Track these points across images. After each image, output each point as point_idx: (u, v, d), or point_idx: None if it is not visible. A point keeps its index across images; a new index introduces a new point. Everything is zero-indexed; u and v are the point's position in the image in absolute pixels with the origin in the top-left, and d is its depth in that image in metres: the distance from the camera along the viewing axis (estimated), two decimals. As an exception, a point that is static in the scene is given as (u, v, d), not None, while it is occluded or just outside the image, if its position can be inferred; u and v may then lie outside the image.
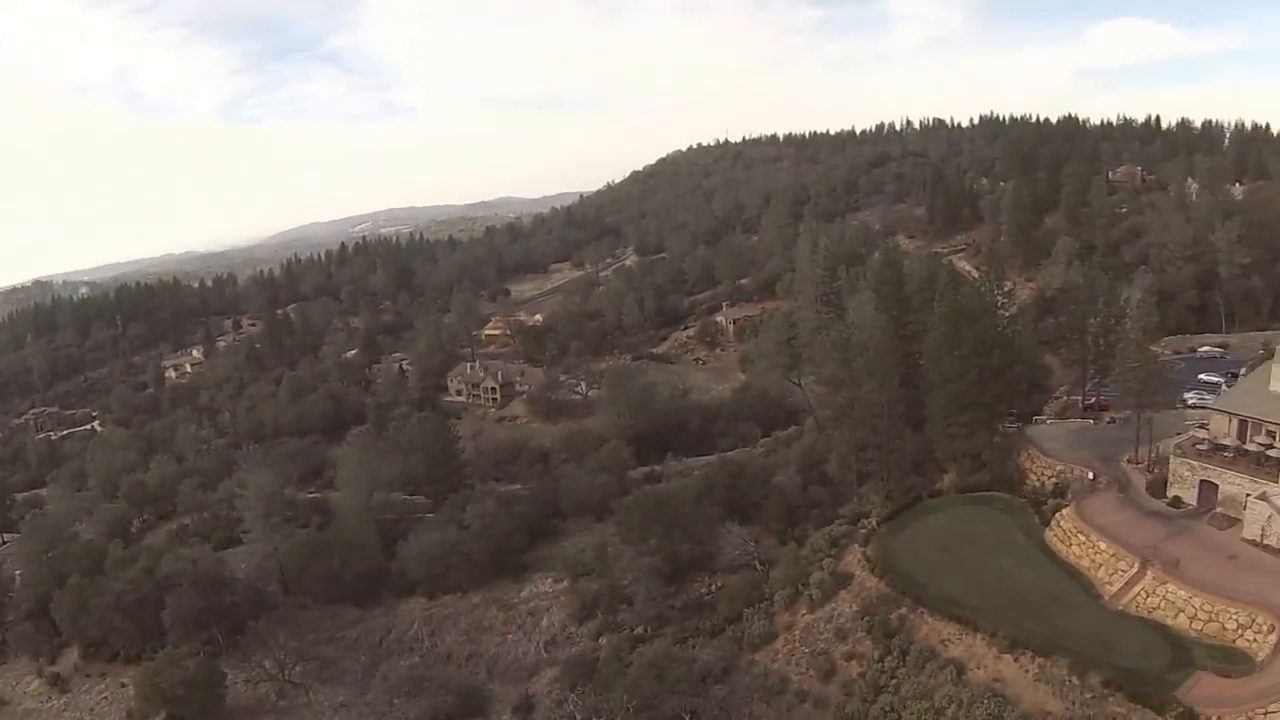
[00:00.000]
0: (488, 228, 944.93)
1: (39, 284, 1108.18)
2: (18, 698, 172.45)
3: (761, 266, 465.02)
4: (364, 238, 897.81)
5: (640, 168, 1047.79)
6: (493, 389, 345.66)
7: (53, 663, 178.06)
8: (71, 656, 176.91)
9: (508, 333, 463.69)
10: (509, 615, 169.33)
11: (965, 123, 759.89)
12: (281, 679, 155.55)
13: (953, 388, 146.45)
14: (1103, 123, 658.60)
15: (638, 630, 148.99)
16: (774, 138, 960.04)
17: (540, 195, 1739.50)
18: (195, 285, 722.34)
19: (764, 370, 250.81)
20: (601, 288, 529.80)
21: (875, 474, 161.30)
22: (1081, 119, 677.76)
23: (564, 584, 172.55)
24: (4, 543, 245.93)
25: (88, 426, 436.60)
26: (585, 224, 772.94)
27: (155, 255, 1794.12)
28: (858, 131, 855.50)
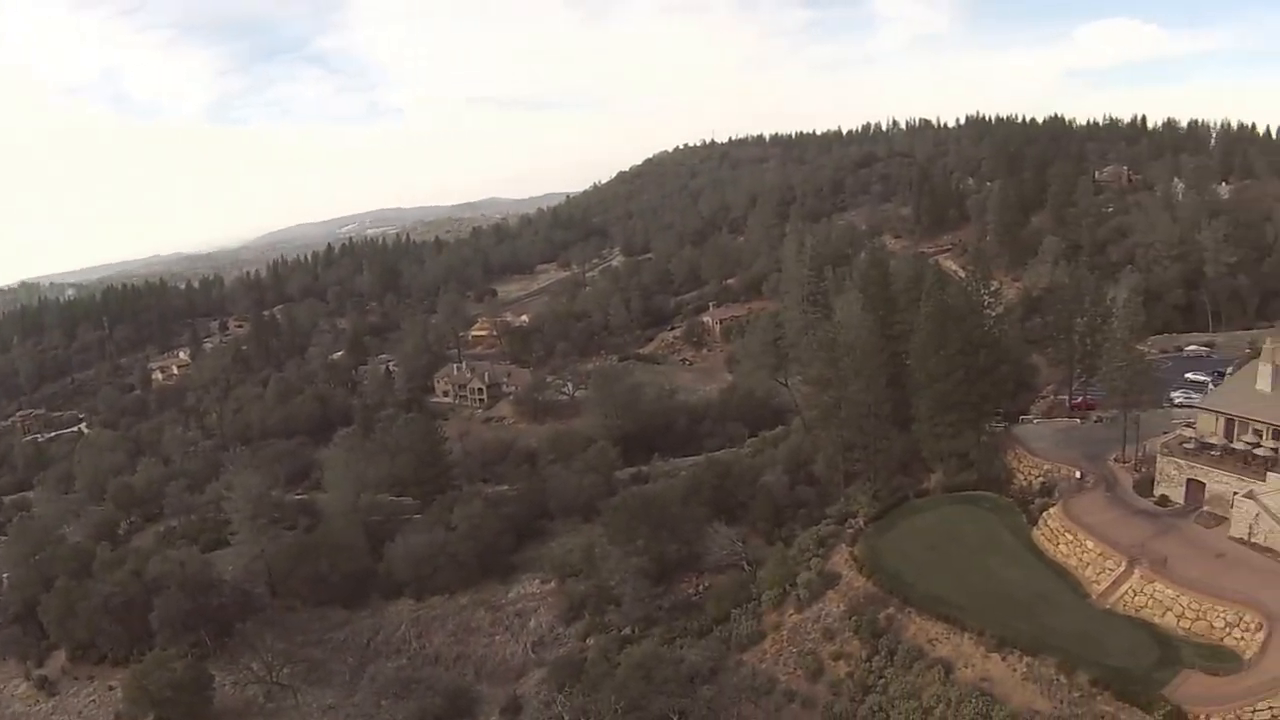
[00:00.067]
0: (474, 229, 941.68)
1: (26, 285, 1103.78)
2: (5, 701, 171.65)
3: (748, 267, 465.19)
4: (351, 239, 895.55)
5: (627, 168, 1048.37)
6: (479, 390, 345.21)
7: (40, 665, 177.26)
8: (59, 659, 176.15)
9: (494, 334, 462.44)
10: (496, 616, 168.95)
11: (951, 123, 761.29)
12: (269, 681, 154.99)
13: (939, 387, 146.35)
14: (1089, 123, 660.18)
15: (625, 631, 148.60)
16: (760, 138, 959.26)
17: (526, 196, 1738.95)
18: (182, 287, 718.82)
19: (750, 370, 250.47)
20: (588, 288, 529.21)
21: (862, 474, 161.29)
22: (1068, 119, 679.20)
23: (551, 585, 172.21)
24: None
25: (75, 428, 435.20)
26: (572, 225, 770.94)
27: (142, 257, 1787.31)
28: (844, 132, 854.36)
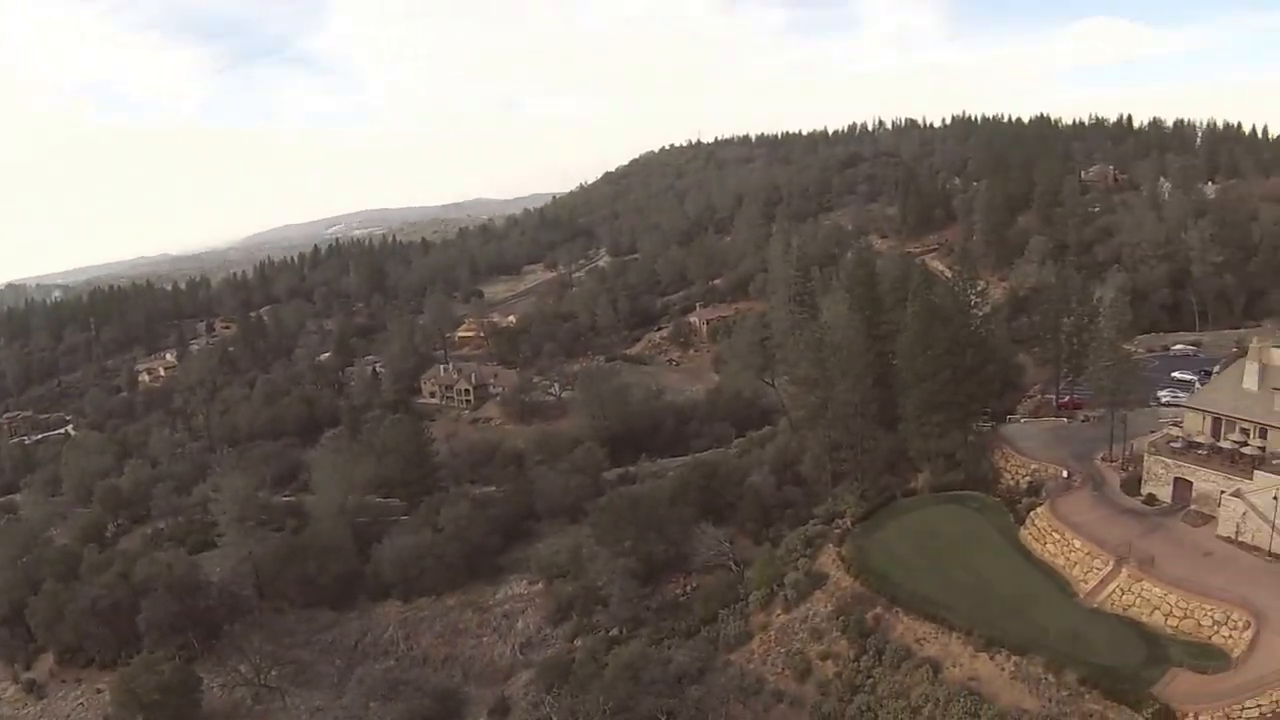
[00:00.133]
0: (461, 229, 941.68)
1: (11, 287, 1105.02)
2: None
3: (734, 267, 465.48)
4: (337, 240, 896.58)
5: (613, 169, 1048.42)
6: (466, 391, 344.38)
7: (28, 669, 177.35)
8: (47, 662, 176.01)
9: (481, 334, 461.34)
10: (484, 617, 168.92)
11: (937, 123, 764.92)
12: (257, 683, 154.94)
13: (926, 387, 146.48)
14: (1075, 122, 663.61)
15: (613, 631, 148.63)
16: (746, 138, 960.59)
17: (513, 196, 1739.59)
18: (168, 288, 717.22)
19: (737, 371, 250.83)
20: (575, 289, 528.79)
21: (849, 474, 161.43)
22: (1054, 118, 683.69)
23: (539, 586, 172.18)
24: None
25: (61, 431, 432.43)
26: (558, 225, 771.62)
27: (128, 258, 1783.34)
28: (830, 132, 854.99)
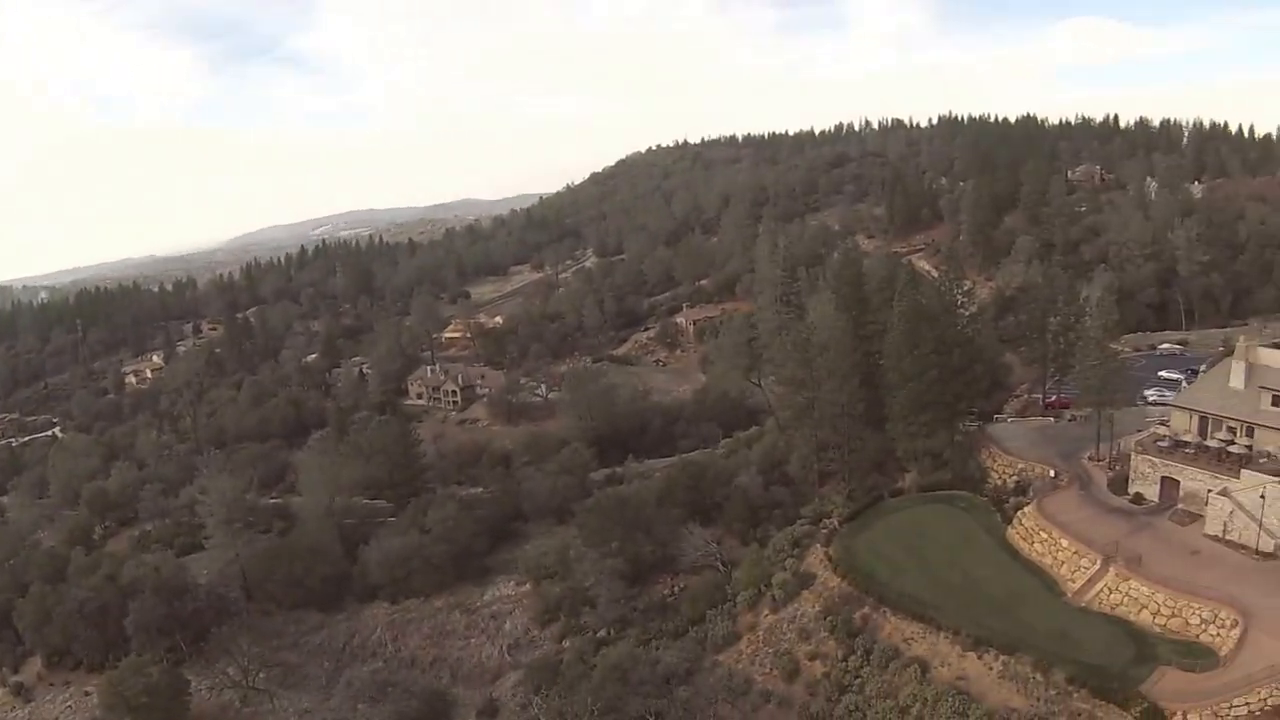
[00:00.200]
0: (447, 230, 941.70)
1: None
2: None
3: (721, 267, 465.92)
4: (324, 240, 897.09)
5: (600, 169, 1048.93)
6: (453, 392, 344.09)
7: (16, 672, 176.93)
8: (35, 665, 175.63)
9: (468, 335, 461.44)
10: (472, 619, 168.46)
11: (924, 123, 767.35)
12: (245, 685, 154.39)
13: (913, 387, 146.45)
14: (1062, 122, 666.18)
15: (601, 632, 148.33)
16: (733, 138, 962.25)
17: (499, 197, 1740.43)
18: (155, 290, 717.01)
19: (724, 371, 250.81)
20: (561, 289, 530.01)
21: (837, 474, 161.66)
22: (1040, 118, 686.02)
23: (526, 587, 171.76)
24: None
25: (48, 433, 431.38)
26: (545, 226, 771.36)
27: (114, 260, 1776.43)
28: (816, 132, 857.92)
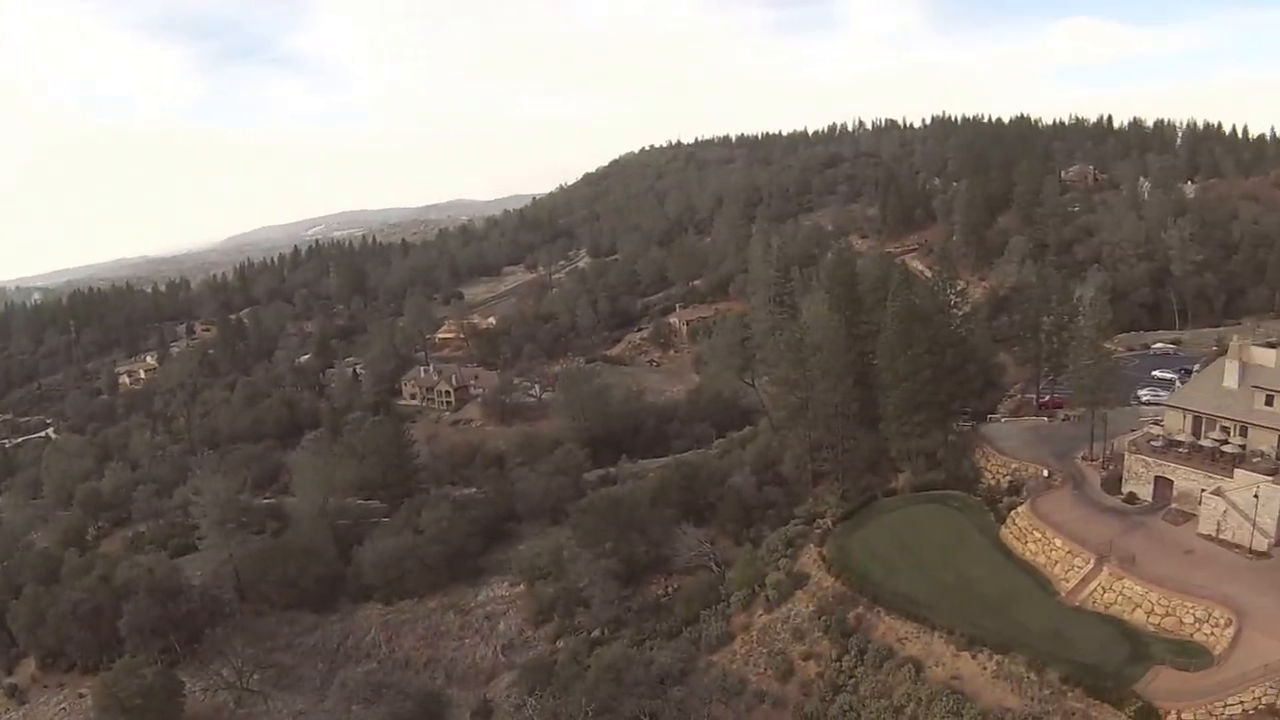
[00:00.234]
0: (440, 230, 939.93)
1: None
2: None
3: (714, 268, 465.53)
4: (317, 241, 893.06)
5: (593, 170, 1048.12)
6: (447, 393, 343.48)
7: (10, 673, 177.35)
8: (29, 667, 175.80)
9: (461, 336, 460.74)
10: (466, 620, 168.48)
11: (917, 123, 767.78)
12: (240, 687, 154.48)
13: (906, 387, 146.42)
14: (1055, 122, 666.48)
15: (595, 633, 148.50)
16: (726, 139, 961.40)
17: (493, 198, 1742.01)
18: (148, 290, 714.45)
19: (718, 371, 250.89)
20: (555, 290, 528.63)
21: (830, 474, 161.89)
22: (1034, 118, 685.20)
23: (520, 588, 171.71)
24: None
25: (42, 434, 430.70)
26: (538, 226, 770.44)
27: (108, 260, 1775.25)
28: (810, 132, 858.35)
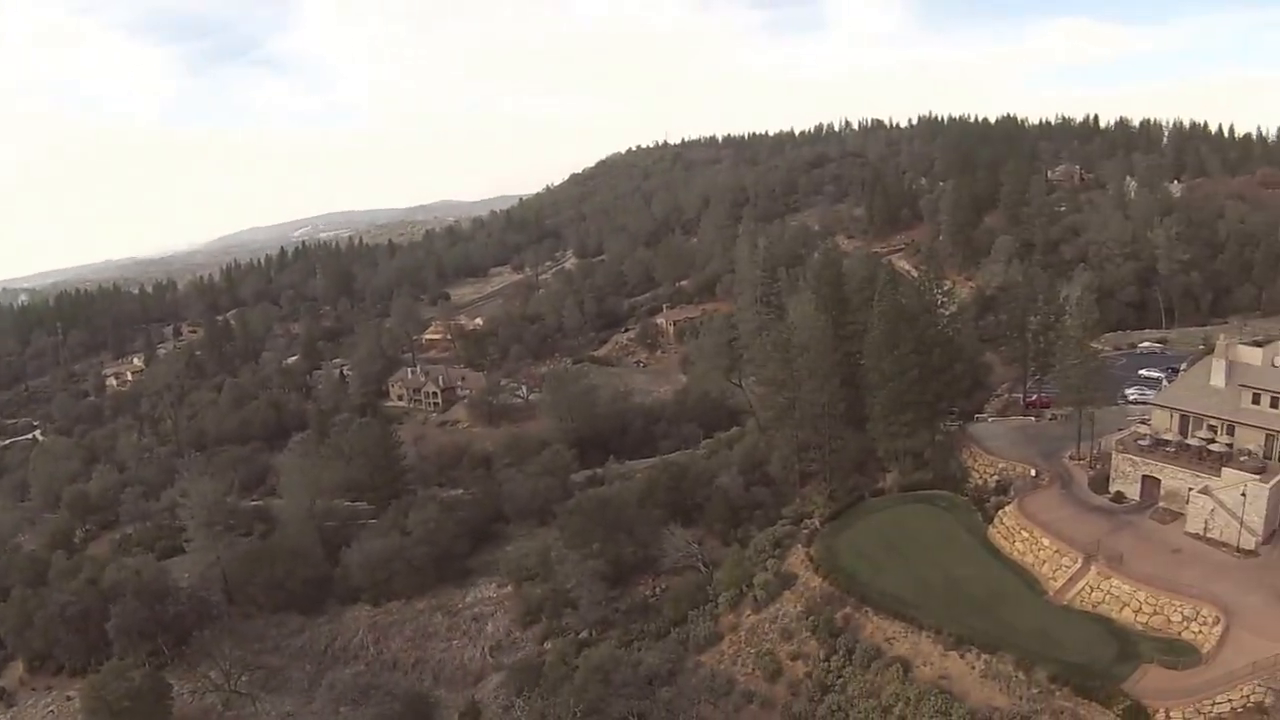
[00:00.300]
0: (427, 231, 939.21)
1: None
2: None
3: (701, 268, 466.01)
4: (304, 242, 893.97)
5: (579, 170, 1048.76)
6: (434, 394, 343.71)
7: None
8: (17, 670, 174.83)
9: (448, 337, 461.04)
10: (454, 621, 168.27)
11: (904, 123, 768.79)
12: (228, 689, 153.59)
13: (893, 387, 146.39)
14: (1041, 122, 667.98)
15: (582, 634, 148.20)
16: (713, 139, 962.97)
17: (479, 198, 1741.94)
18: (135, 292, 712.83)
19: (705, 372, 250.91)
20: (541, 291, 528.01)
21: (818, 474, 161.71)
22: (1020, 118, 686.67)
23: (508, 589, 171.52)
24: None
25: (29, 436, 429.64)
26: (524, 227, 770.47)
27: (95, 262, 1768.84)
28: (796, 132, 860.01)
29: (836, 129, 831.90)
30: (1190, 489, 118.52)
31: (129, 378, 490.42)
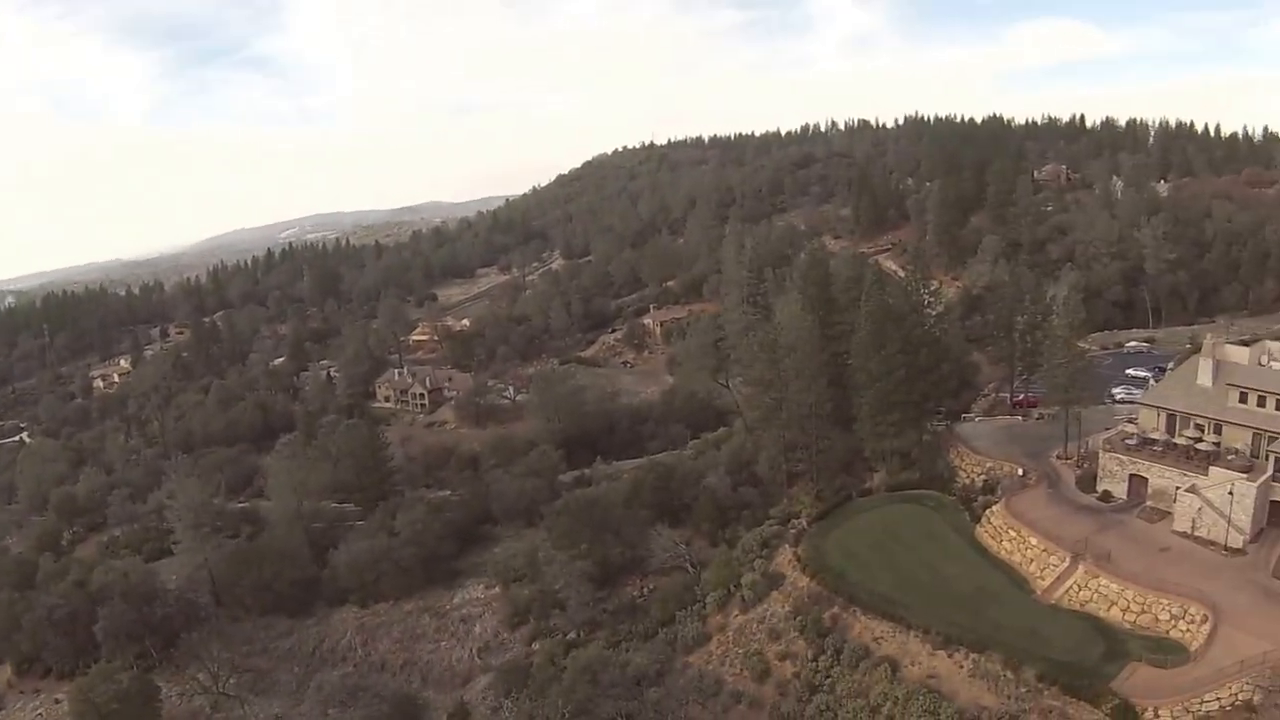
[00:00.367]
0: (414, 232, 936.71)
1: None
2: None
3: (688, 268, 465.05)
4: (290, 244, 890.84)
5: (565, 171, 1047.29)
6: (421, 395, 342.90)
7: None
8: (5, 673, 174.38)
9: (435, 338, 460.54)
10: (442, 622, 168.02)
11: (890, 123, 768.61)
12: (216, 691, 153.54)
13: (880, 387, 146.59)
14: (1028, 122, 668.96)
15: (570, 635, 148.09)
16: (699, 140, 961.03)
17: (466, 199, 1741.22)
18: (122, 293, 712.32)
19: (692, 372, 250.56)
20: (528, 292, 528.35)
21: (805, 474, 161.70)
22: (1006, 118, 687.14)
23: (496, 590, 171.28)
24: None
25: (16, 438, 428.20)
26: (511, 228, 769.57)
27: (81, 264, 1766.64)
28: (782, 133, 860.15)
29: (823, 129, 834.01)
30: (1178, 488, 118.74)
31: (116, 379, 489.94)
